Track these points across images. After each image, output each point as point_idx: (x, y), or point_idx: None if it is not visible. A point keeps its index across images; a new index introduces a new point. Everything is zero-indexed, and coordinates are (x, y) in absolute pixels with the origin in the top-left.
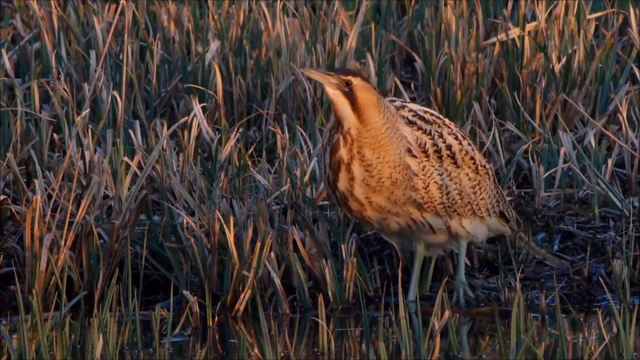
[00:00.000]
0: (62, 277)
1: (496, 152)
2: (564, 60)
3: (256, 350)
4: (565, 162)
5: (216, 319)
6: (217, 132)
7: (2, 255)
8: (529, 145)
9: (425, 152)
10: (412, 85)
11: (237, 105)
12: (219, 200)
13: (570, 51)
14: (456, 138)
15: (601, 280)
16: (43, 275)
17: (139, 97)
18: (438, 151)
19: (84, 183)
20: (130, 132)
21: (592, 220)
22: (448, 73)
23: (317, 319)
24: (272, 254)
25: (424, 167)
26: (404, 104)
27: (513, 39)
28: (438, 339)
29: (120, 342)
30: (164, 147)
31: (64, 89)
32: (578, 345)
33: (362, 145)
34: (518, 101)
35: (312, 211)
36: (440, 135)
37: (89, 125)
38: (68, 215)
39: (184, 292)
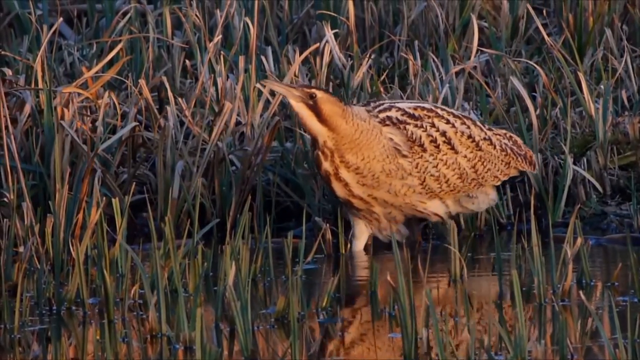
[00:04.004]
0: (194, 205)
1: (628, 78)
2: None
3: (389, 277)
4: None
5: (348, 246)
6: (349, 59)
7: (134, 183)
8: None
9: (421, 145)
10: (544, 11)
11: (369, 31)
12: None
13: None
14: (448, 122)
15: None
16: (175, 203)
17: (271, 23)
18: (434, 141)
19: (216, 109)
20: (263, 58)
21: None
22: None
23: (449, 246)
24: None
25: (417, 164)
26: (392, 105)
27: None
28: (570, 266)
29: (253, 270)
30: (296, 73)
31: (196, 15)
32: None
33: (342, 153)
34: None
35: None
36: (433, 125)
37: (221, 52)
38: (200, 142)
39: (316, 219)
